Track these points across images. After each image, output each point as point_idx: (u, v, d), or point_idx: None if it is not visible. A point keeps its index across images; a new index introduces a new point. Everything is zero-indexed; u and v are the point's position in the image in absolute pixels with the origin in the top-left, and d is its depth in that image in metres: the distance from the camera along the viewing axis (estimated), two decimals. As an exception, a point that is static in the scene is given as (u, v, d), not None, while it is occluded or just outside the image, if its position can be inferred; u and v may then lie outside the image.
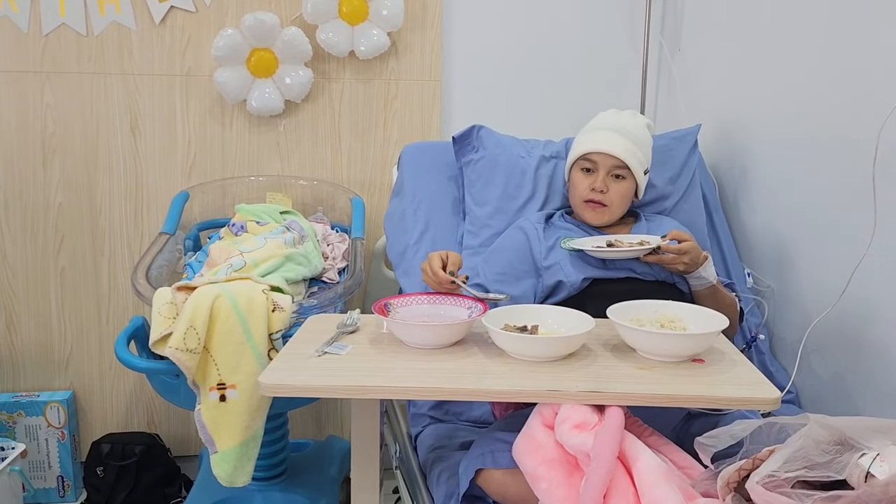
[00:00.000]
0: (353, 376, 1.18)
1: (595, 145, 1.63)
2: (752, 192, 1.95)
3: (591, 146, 1.64)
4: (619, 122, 1.66)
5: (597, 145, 1.63)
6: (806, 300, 1.73)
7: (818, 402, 1.70)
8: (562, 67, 2.40)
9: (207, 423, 1.51)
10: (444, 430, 1.58)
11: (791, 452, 0.81)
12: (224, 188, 2.28)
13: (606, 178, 1.62)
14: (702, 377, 1.18)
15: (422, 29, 2.31)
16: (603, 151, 1.62)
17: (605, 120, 1.69)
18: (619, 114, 1.71)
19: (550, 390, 1.13)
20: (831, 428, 0.83)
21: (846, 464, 0.78)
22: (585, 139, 1.67)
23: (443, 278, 1.43)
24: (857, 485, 0.78)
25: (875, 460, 0.77)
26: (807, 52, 1.73)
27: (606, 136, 1.64)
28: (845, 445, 0.81)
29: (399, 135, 2.35)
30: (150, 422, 2.39)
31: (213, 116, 2.28)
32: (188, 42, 2.23)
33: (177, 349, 1.45)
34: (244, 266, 1.69)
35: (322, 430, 2.45)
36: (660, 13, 2.39)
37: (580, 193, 1.64)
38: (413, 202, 1.87)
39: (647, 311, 1.34)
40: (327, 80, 2.30)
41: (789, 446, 0.83)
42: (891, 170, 1.44)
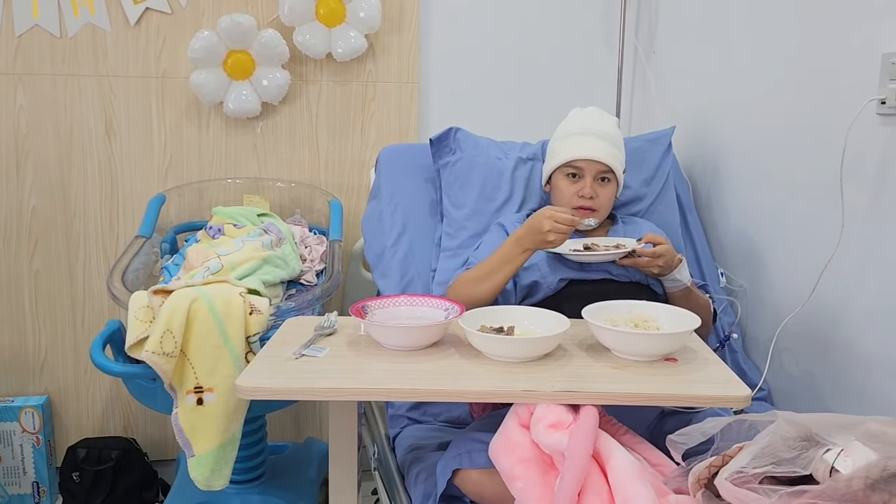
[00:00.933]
0: (331, 378, 1.18)
1: (581, 152, 1.63)
2: (724, 193, 1.98)
3: (576, 153, 1.64)
4: (599, 126, 1.68)
5: (583, 152, 1.63)
6: (777, 299, 1.76)
7: (789, 399, 1.73)
8: (538, 70, 2.42)
9: (184, 427, 1.50)
10: (422, 431, 1.58)
11: (759, 449, 0.83)
12: (201, 190, 2.27)
13: (593, 183, 1.63)
14: (675, 376, 1.20)
15: (399, 31, 2.31)
16: (590, 158, 1.63)
17: (583, 124, 1.69)
18: (591, 116, 1.72)
19: (526, 390, 1.14)
20: (798, 424, 0.85)
21: (811, 459, 0.80)
22: (568, 146, 1.66)
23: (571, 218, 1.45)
24: (822, 479, 0.80)
25: (839, 455, 0.79)
26: (778, 57, 1.76)
27: (590, 141, 1.64)
28: (811, 441, 0.83)
29: (377, 137, 2.36)
30: (127, 426, 2.38)
31: (189, 119, 2.27)
32: (164, 44, 2.22)
33: (153, 353, 1.45)
34: (221, 269, 1.69)
35: (300, 433, 2.44)
36: (634, 16, 2.41)
37: (568, 200, 1.64)
38: (390, 204, 1.88)
39: (621, 311, 1.36)
40: (304, 83, 2.30)
41: (757, 443, 0.85)
42: (857, 172, 1.47)
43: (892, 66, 1.39)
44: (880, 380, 1.46)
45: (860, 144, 1.46)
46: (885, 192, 1.43)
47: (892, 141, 1.41)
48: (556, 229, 1.45)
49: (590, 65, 2.44)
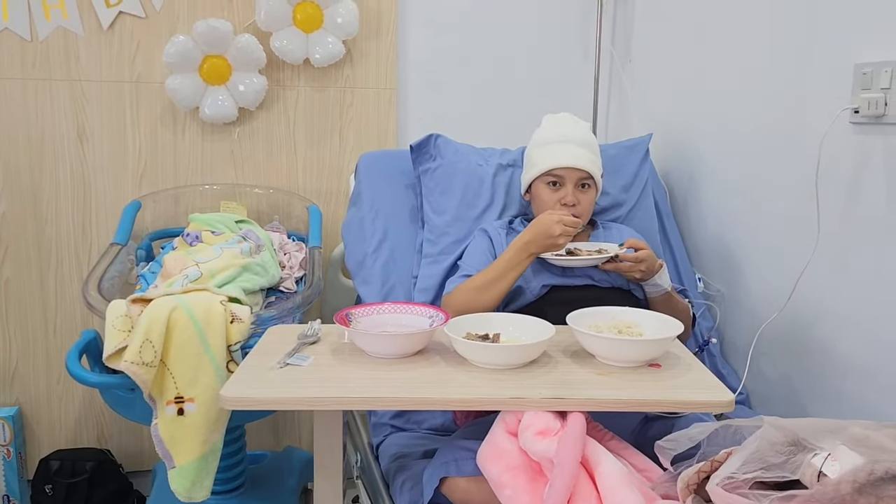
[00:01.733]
0: (316, 387, 1.17)
1: (562, 160, 1.64)
2: (701, 199, 2.01)
3: (557, 162, 1.65)
4: (576, 134, 1.69)
5: (563, 160, 1.64)
6: (754, 304, 1.79)
7: (767, 402, 1.75)
8: (515, 76, 2.44)
9: (165, 438, 1.48)
10: (406, 439, 1.58)
11: (748, 454, 0.84)
12: (176, 197, 2.24)
13: (575, 190, 1.65)
14: (659, 381, 1.21)
15: (377, 37, 2.31)
16: (570, 166, 1.64)
17: (560, 132, 1.70)
18: (567, 123, 1.73)
19: (513, 397, 1.14)
20: (785, 429, 0.87)
21: (800, 464, 0.82)
22: (547, 154, 1.67)
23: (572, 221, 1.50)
24: (810, 484, 0.81)
25: (827, 460, 0.80)
26: (752, 67, 1.79)
27: (569, 149, 1.66)
28: (798, 446, 0.84)
29: (355, 143, 2.35)
30: (101, 437, 2.33)
31: (164, 124, 2.24)
32: (138, 48, 2.19)
33: (132, 363, 1.42)
34: (200, 277, 1.67)
35: (279, 441, 2.42)
36: (610, 25, 2.44)
37: (550, 208, 1.65)
38: (371, 211, 1.87)
39: (605, 317, 1.37)
40: (282, 88, 2.28)
41: (746, 448, 0.86)
42: (831, 180, 1.50)
43: (863, 76, 1.42)
44: (856, 383, 1.49)
45: (834, 152, 1.49)
46: (859, 199, 1.46)
47: (865, 149, 1.44)
48: (566, 232, 1.49)
49: (566, 72, 2.46)
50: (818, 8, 1.56)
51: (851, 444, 0.81)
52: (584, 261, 1.56)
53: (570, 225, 1.50)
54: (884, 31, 1.39)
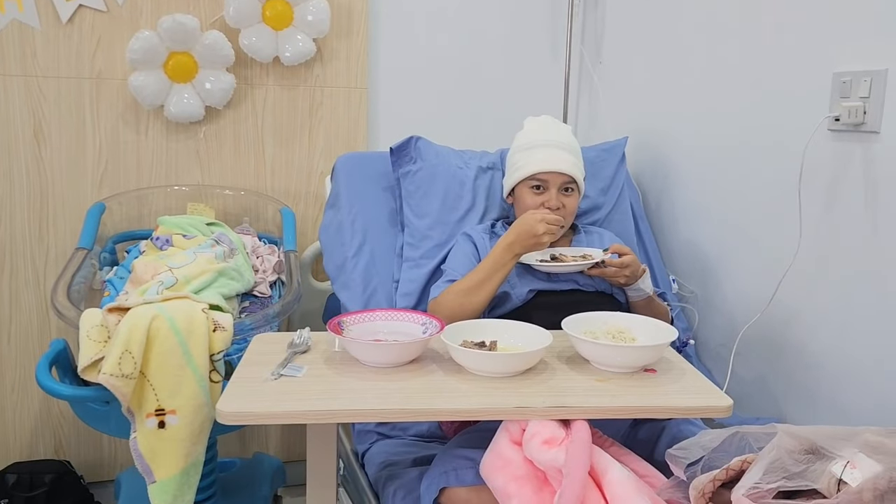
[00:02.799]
0: (315, 400, 1.14)
1: (545, 165, 1.64)
2: (675, 201, 2.04)
3: (541, 166, 1.65)
4: (559, 138, 1.70)
5: (547, 165, 1.64)
6: (730, 306, 1.82)
7: (743, 402, 1.79)
8: (486, 78, 2.43)
9: (144, 452, 1.42)
10: (393, 447, 1.56)
11: (768, 463, 0.85)
12: (140, 199, 2.16)
13: (558, 194, 1.65)
14: (656, 387, 1.22)
15: (347, 36, 2.27)
16: (554, 171, 1.64)
17: (543, 136, 1.70)
18: (549, 127, 1.74)
19: (518, 407, 1.13)
20: (799, 437, 0.88)
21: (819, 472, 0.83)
22: (531, 159, 1.67)
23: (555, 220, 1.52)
24: (829, 492, 0.82)
25: (846, 468, 0.82)
26: (728, 71, 1.82)
27: (552, 153, 1.66)
28: (816, 454, 0.86)
29: (325, 143, 2.31)
30: (59, 447, 2.24)
31: (126, 122, 2.16)
32: (98, 43, 2.10)
33: (111, 375, 1.36)
34: (175, 283, 1.61)
35: (247, 448, 2.37)
36: (580, 25, 2.45)
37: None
38: (350, 214, 1.84)
39: (597, 323, 1.38)
40: (250, 86, 2.22)
41: (764, 457, 0.87)
42: (809, 186, 1.54)
43: (843, 85, 1.46)
44: (829, 386, 1.54)
45: (813, 159, 1.52)
46: (837, 205, 1.50)
47: (844, 156, 1.48)
48: (550, 230, 1.51)
49: (537, 73, 2.46)
50: (797, 15, 1.60)
51: (868, 452, 0.83)
52: (570, 267, 1.56)
53: (553, 223, 1.52)
54: (863, 40, 1.43)
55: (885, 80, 1.38)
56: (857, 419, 1.47)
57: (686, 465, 0.98)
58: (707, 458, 1.03)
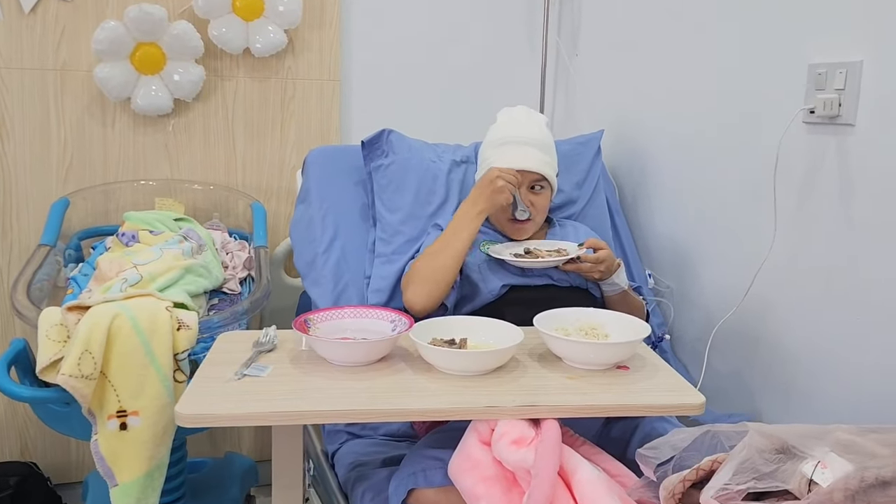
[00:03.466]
0: (280, 401, 1.11)
1: (513, 163, 1.60)
2: (651, 194, 2.02)
3: (509, 164, 1.60)
4: (530, 134, 1.65)
5: (514, 163, 1.60)
6: (705, 300, 1.81)
7: (719, 397, 1.78)
8: (462, 70, 2.40)
9: (106, 455, 1.38)
10: (363, 447, 1.53)
11: (738, 464, 0.83)
12: (107, 193, 2.11)
13: (528, 193, 1.62)
14: (629, 385, 1.20)
15: (320, 27, 2.23)
16: (522, 169, 1.60)
17: (514, 133, 1.65)
18: (521, 121, 1.69)
19: (488, 406, 1.11)
20: (771, 436, 0.86)
21: (790, 472, 0.81)
22: (499, 156, 1.62)
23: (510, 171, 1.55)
24: (800, 494, 0.81)
25: (817, 468, 0.80)
26: (704, 63, 1.80)
27: (521, 151, 1.62)
28: (787, 453, 0.84)
29: (297, 136, 2.27)
30: (25, 449, 2.19)
31: (92, 115, 2.11)
32: (63, 34, 2.05)
33: (70, 376, 1.32)
34: (140, 280, 1.57)
35: (218, 448, 2.32)
36: (557, 18, 2.43)
37: (504, 211, 1.62)
38: (321, 209, 1.80)
39: (570, 319, 1.35)
40: (220, 78, 2.18)
41: (735, 457, 0.85)
42: (784, 179, 1.52)
43: (818, 77, 1.45)
44: (806, 380, 1.52)
45: (788, 152, 1.51)
46: (812, 198, 1.49)
47: (818, 149, 1.46)
48: (506, 178, 1.53)
49: (513, 65, 2.43)
50: (772, 7, 1.58)
51: (840, 451, 0.81)
52: (544, 263, 1.54)
53: (510, 181, 1.54)
54: (838, 32, 1.42)
55: (860, 72, 1.37)
56: (832, 414, 1.46)
57: (656, 465, 0.96)
58: (678, 457, 1.01)
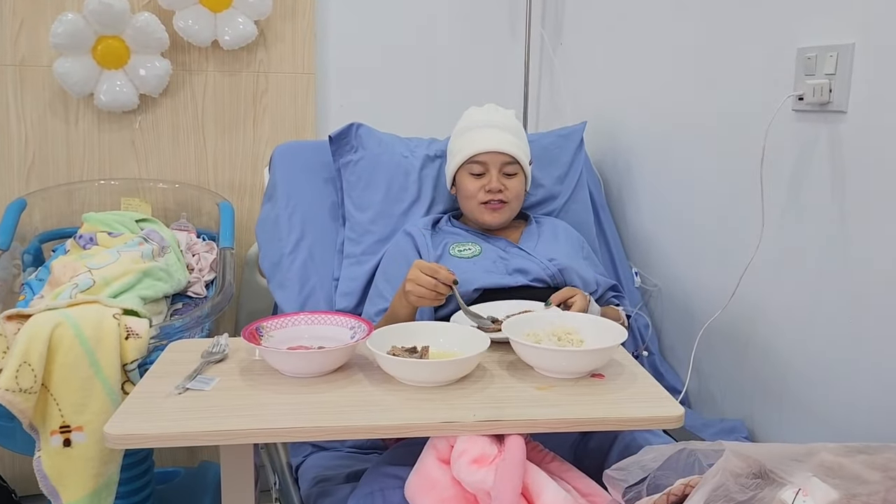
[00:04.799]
0: (220, 418, 1.02)
1: (483, 145, 1.54)
2: (637, 190, 1.93)
3: (478, 147, 1.54)
4: (496, 119, 1.59)
5: (485, 144, 1.54)
6: (694, 300, 1.72)
7: (707, 400, 1.69)
8: (443, 60, 2.31)
9: (49, 473, 1.30)
10: (328, 460, 1.44)
11: (710, 490, 0.74)
12: (70, 193, 2.02)
13: (499, 175, 1.55)
14: (603, 395, 1.11)
15: (293, 17, 2.14)
16: (492, 150, 1.53)
17: (480, 118, 1.61)
18: (488, 110, 1.64)
19: (444, 422, 1.02)
20: (748, 458, 0.77)
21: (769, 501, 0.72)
22: (468, 140, 1.57)
23: (445, 277, 1.27)
24: (780, 523, 0.72)
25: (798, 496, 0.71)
26: (691, 50, 1.71)
27: (490, 133, 1.55)
28: (765, 479, 0.75)
29: (271, 132, 2.18)
30: (-9, 460, 2.11)
31: (54, 112, 2.02)
32: (21, 27, 1.97)
33: (7, 390, 1.24)
34: (93, 285, 1.48)
35: (193, 456, 2.24)
36: (540, 6, 2.33)
37: (475, 196, 1.56)
38: (287, 207, 1.71)
39: (543, 324, 1.26)
40: (188, 73, 2.09)
41: (707, 482, 0.76)
42: (773, 170, 1.43)
43: (807, 61, 1.35)
44: (798, 384, 1.43)
45: (776, 141, 1.41)
46: (802, 191, 1.39)
47: (808, 138, 1.37)
48: (415, 291, 1.30)
49: (495, 56, 2.34)
50: (757, -11, 1.48)
51: (823, 475, 0.72)
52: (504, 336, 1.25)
53: (425, 285, 1.29)
54: (828, 13, 1.32)
55: (851, 56, 1.27)
56: (826, 418, 1.37)
57: (625, 487, 0.87)
58: (652, 476, 0.92)
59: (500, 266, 1.52)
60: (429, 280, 1.28)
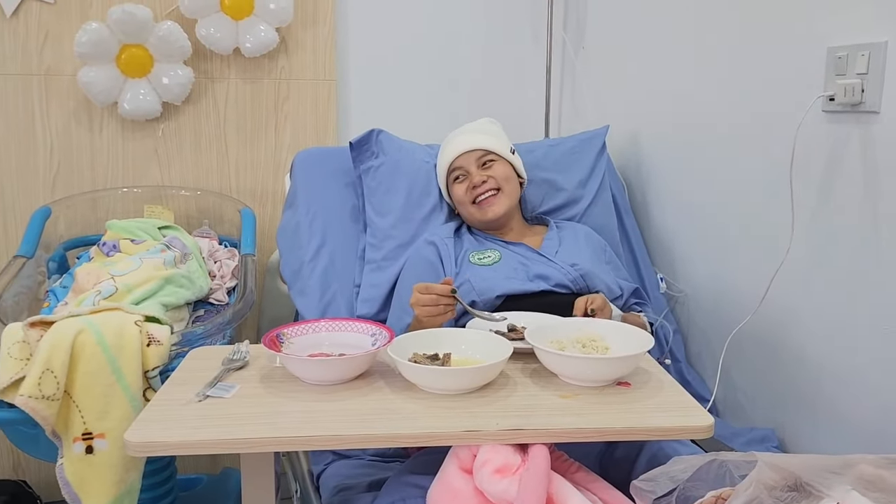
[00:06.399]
0: (240, 426, 1.01)
1: (454, 151, 1.63)
2: (662, 194, 1.90)
3: (450, 154, 1.64)
4: (466, 128, 1.70)
5: (456, 150, 1.63)
6: (721, 305, 1.68)
7: (735, 409, 1.65)
8: (464, 66, 2.29)
9: (72, 480, 1.30)
10: (349, 468, 1.42)
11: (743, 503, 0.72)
12: (94, 201, 2.04)
13: (479, 171, 1.61)
14: (629, 404, 1.08)
15: (314, 24, 2.14)
16: (463, 152, 1.62)
17: (453, 132, 1.71)
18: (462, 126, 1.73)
19: (467, 431, 1.00)
20: (782, 470, 0.75)
21: (804, 515, 0.70)
22: (443, 155, 1.68)
23: (441, 290, 1.27)
24: (817, 538, 0.69)
25: (837, 510, 0.68)
26: (716, 49, 1.68)
27: (460, 139, 1.65)
28: (801, 491, 0.72)
29: (292, 139, 2.18)
30: (17, 466, 2.12)
31: (78, 121, 2.04)
32: (46, 37, 1.99)
33: (30, 397, 1.24)
34: (115, 292, 1.49)
35: (216, 463, 2.24)
36: (562, 10, 2.31)
37: (465, 200, 1.62)
38: (308, 214, 1.71)
39: (567, 330, 1.23)
40: (210, 80, 2.10)
41: (740, 495, 0.73)
42: (803, 173, 1.39)
43: (838, 61, 1.32)
44: (831, 389, 1.39)
45: (806, 143, 1.38)
46: (833, 193, 1.36)
47: (840, 139, 1.33)
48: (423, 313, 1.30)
49: (517, 60, 2.32)
50: (785, -12, 1.45)
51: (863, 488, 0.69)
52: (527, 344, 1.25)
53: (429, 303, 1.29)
54: (859, 10, 1.28)
55: (884, 54, 1.23)
56: (862, 427, 1.33)
57: (653, 499, 0.84)
58: (682, 488, 0.89)
59: (520, 272, 1.50)
60: (429, 297, 1.29)
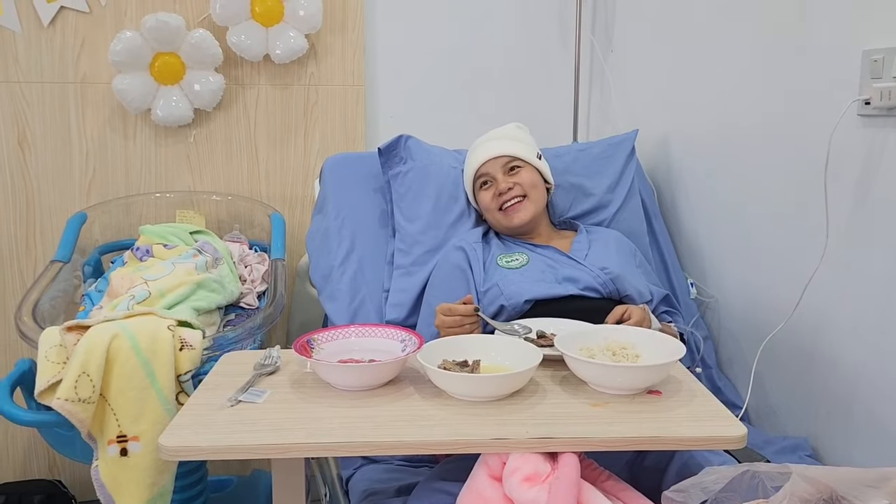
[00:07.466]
0: (272, 431, 1.02)
1: (480, 157, 1.63)
2: (692, 198, 1.88)
3: (477, 161, 1.64)
4: (491, 134, 1.69)
5: (482, 156, 1.63)
6: (753, 311, 1.66)
7: (768, 416, 1.63)
8: (491, 72, 2.29)
9: (107, 482, 1.32)
10: (378, 473, 1.43)
11: (777, 516, 0.71)
12: (128, 206, 2.07)
13: (505, 177, 1.60)
14: (660, 413, 1.07)
15: (342, 31, 2.15)
16: (489, 158, 1.62)
17: (481, 138, 1.70)
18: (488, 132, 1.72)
19: (496, 438, 1.00)
20: (817, 482, 0.73)
21: (841, 529, 0.69)
22: (469, 162, 1.67)
23: (464, 311, 1.31)
24: (854, 553, 0.68)
25: (874, 524, 0.67)
26: (748, 52, 1.66)
27: (486, 146, 1.64)
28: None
29: (321, 144, 2.20)
30: (52, 466, 2.17)
31: (113, 128, 2.07)
32: (82, 46, 2.02)
33: (66, 400, 1.26)
34: (148, 297, 1.51)
35: (246, 465, 2.26)
36: (590, 14, 2.30)
37: (492, 207, 1.62)
38: (337, 219, 1.72)
39: (597, 338, 1.23)
40: (241, 87, 2.12)
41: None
42: (838, 178, 1.37)
43: (874, 64, 1.29)
44: (868, 399, 1.37)
45: (840, 147, 1.36)
46: (869, 198, 1.33)
47: (875, 144, 1.31)
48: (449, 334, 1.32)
49: (546, 64, 2.31)
50: (819, -9, 1.43)
51: (901, 503, 0.68)
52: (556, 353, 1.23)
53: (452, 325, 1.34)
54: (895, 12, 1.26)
55: (921, 57, 1.22)
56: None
57: (684, 510, 0.84)
58: (714, 499, 0.88)
59: (549, 275, 1.50)
60: (453, 319, 1.33)
